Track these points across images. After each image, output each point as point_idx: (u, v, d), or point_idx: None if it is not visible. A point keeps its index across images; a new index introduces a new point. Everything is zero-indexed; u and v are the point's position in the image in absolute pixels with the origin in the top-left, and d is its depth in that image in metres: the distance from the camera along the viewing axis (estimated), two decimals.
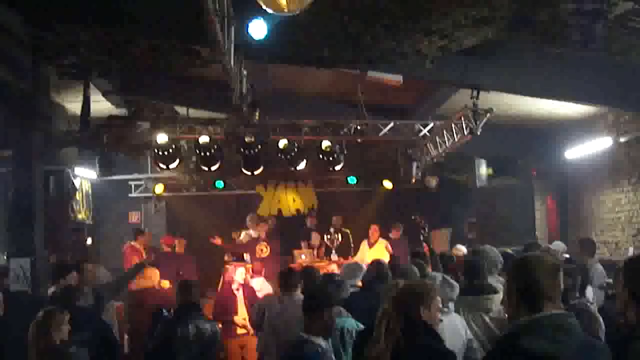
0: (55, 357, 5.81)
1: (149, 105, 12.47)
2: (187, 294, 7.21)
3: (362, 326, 5.89)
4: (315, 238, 14.89)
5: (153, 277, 12.61)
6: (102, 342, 7.19)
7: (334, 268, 12.50)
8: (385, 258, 10.91)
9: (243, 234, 14.71)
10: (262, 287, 11.80)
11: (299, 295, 7.13)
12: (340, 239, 14.59)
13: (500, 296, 5.89)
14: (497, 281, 6.73)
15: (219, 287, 11.97)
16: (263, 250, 13.75)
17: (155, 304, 10.58)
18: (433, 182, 14.85)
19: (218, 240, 14.24)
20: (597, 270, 9.39)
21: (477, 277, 6.54)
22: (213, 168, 12.78)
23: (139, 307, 12.12)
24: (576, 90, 10.60)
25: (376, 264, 7.95)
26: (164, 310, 7.51)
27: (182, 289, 7.34)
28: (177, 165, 12.94)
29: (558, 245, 10.91)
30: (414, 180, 13.98)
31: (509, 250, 8.53)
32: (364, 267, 8.30)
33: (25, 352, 5.93)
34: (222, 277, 12.12)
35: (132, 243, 13.49)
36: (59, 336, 5.83)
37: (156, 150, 12.46)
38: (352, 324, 6.16)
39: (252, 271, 12.23)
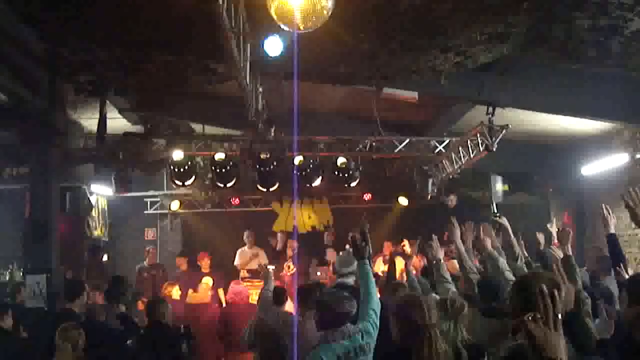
0: None
1: (164, 122, 12.50)
2: None
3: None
4: (330, 255, 14.80)
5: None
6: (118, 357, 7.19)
7: None
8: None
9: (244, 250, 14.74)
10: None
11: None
12: None
13: None
14: None
15: None
16: (290, 267, 13.68)
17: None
18: (453, 201, 14.76)
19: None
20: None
21: (497, 299, 6.17)
22: (229, 185, 12.79)
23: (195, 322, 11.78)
24: (592, 106, 10.57)
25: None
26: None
27: None
28: (192, 182, 12.96)
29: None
30: (429, 197, 13.93)
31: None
32: None
33: None
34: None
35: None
36: (76, 353, 5.84)
37: (172, 167, 12.49)
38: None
39: None
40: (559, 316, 2.54)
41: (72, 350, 5.86)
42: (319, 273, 13.83)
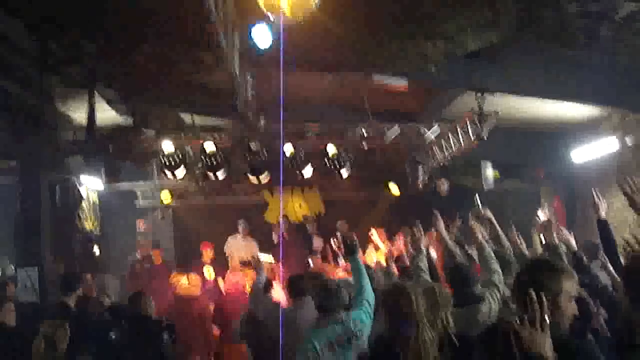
0: None
1: (154, 113, 12.45)
2: None
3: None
4: (317, 243, 14.74)
5: (197, 284, 12.33)
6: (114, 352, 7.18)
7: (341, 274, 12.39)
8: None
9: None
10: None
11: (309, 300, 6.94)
12: None
13: (486, 305, 5.80)
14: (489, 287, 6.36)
15: None
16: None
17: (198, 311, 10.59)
18: (444, 187, 14.74)
19: None
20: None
21: (466, 287, 6.14)
22: (219, 175, 12.76)
23: (183, 315, 11.69)
24: (582, 91, 10.57)
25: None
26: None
27: None
28: (183, 173, 12.92)
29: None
30: (420, 185, 13.92)
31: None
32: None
33: None
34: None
35: None
36: (60, 348, 5.82)
37: (162, 158, 12.45)
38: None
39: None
40: (547, 318, 2.61)
41: (60, 345, 5.82)
42: (312, 264, 13.79)
